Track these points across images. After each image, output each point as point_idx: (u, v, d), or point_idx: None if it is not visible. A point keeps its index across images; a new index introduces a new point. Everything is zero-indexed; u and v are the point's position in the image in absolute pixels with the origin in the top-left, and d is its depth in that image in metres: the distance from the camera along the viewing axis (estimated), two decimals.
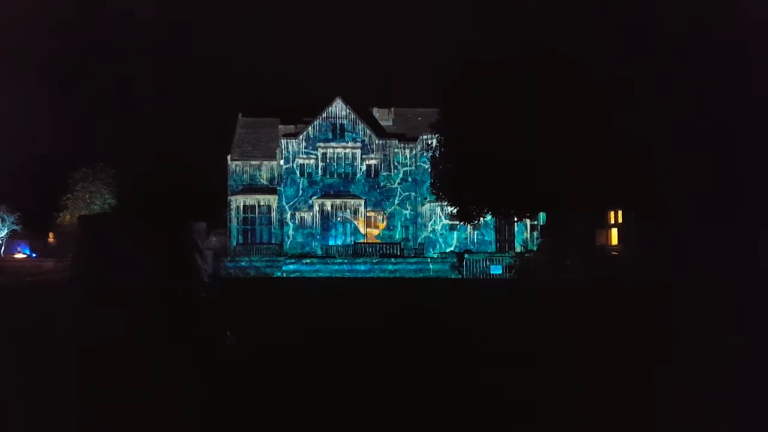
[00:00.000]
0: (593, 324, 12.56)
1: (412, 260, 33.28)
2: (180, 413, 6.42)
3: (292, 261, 32.71)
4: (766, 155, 16.76)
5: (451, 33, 24.60)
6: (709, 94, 16.84)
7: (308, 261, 32.96)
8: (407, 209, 40.66)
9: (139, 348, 9.48)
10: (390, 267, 31.67)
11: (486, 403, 6.70)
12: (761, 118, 16.59)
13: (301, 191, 40.16)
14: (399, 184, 40.66)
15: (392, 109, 43.80)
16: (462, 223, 31.27)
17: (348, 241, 39.05)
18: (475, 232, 37.51)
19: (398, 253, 36.03)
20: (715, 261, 17.54)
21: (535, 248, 34.25)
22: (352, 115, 40.45)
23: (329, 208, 39.82)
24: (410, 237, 40.42)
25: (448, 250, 36.13)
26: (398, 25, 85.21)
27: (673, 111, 17.38)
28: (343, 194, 40.07)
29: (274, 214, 40.64)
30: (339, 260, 33.57)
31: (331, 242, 39.13)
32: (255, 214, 40.77)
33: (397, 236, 40.11)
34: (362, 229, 39.79)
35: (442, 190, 28.12)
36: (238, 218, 40.60)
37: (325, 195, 39.95)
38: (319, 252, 38.59)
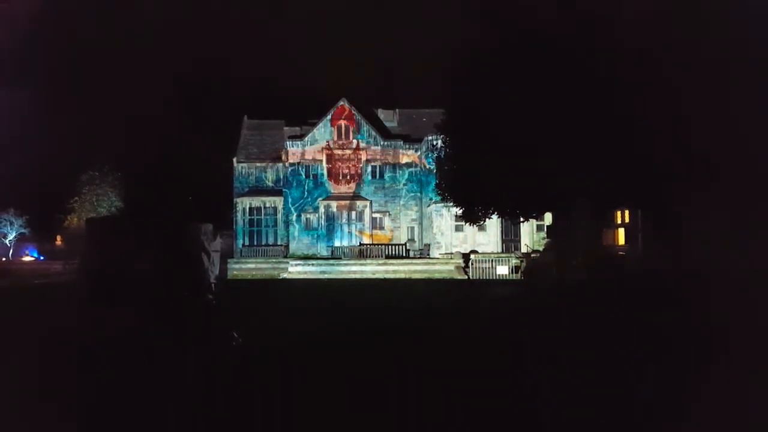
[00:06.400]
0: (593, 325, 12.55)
1: (418, 261, 33.27)
2: (183, 414, 6.46)
3: (298, 262, 32.74)
4: None
5: (455, 30, 24.61)
6: (710, 94, 16.80)
7: (314, 262, 32.98)
8: (412, 210, 40.65)
9: (143, 349, 9.52)
10: (395, 268, 31.66)
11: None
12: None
13: (306, 193, 40.23)
14: (404, 185, 40.66)
15: (397, 110, 43.80)
16: (467, 223, 31.22)
17: (353, 242, 39.08)
18: (481, 233, 37.48)
19: (404, 254, 36.02)
20: (720, 259, 17.47)
21: (541, 249, 34.18)
22: (357, 117, 40.51)
23: (334, 209, 39.87)
24: (416, 238, 40.39)
25: (453, 251, 36.13)
26: (401, 24, 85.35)
27: (676, 110, 17.33)
28: (349, 195, 40.10)
29: (279, 215, 40.68)
30: (344, 261, 33.59)
31: (336, 243, 39.15)
32: (261, 215, 40.83)
33: (402, 237, 40.09)
34: (368, 230, 39.81)
35: (447, 191, 28.09)
36: (243, 220, 40.67)
37: (331, 196, 40.01)
38: (325, 253, 38.62)
